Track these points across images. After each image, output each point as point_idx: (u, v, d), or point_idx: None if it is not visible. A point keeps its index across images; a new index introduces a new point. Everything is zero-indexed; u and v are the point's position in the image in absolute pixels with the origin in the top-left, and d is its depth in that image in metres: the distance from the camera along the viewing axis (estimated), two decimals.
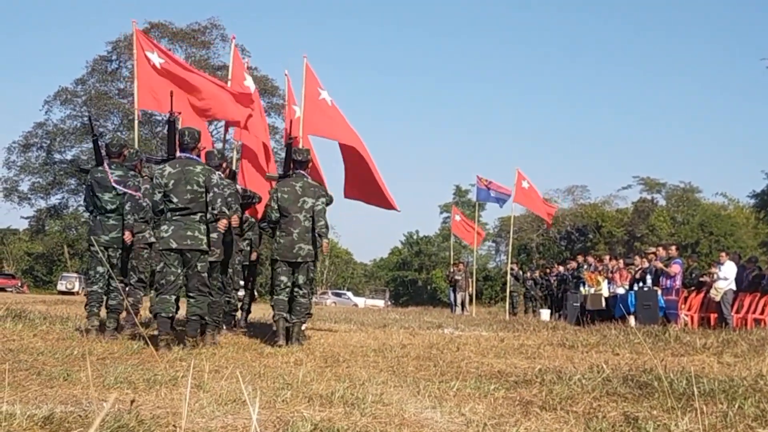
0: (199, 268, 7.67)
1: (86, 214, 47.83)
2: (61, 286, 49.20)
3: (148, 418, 3.74)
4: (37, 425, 3.49)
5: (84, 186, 8.86)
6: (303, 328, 9.02)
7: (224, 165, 9.22)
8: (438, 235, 75.71)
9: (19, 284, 51.58)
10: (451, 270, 28.69)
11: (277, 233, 8.70)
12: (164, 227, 7.63)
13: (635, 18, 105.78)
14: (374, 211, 12.39)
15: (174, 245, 7.54)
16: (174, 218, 7.61)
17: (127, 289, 8.87)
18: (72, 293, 44.74)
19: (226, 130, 13.16)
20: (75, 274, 52.53)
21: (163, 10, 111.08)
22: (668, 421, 4.00)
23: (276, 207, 8.66)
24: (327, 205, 8.84)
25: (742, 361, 7.41)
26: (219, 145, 12.96)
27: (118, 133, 54.06)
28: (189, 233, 7.56)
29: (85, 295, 8.98)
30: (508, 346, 8.82)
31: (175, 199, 7.57)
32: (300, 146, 9.60)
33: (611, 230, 62.28)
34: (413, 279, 74.95)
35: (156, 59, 10.92)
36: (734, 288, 15.81)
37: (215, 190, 7.67)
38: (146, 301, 9.36)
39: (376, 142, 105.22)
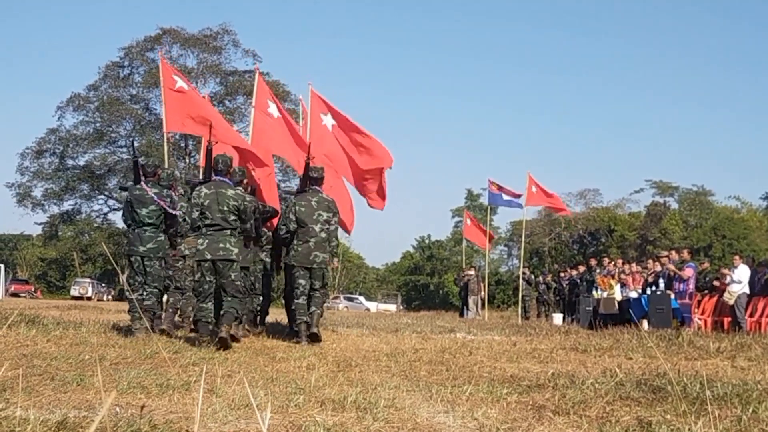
0: (232, 276, 8.59)
1: (98, 219, 47.99)
2: (74, 291, 49.43)
3: (161, 422, 3.75)
4: (50, 430, 3.51)
5: (124, 203, 9.98)
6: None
7: (245, 181, 10.11)
8: (450, 239, 75.64)
9: (33, 290, 51.77)
10: (461, 274, 28.69)
11: (295, 242, 9.63)
12: (200, 241, 8.67)
13: (645, 20, 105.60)
14: (386, 216, 13.52)
15: (208, 256, 8.54)
16: (208, 233, 8.61)
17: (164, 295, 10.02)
18: (85, 298, 44.94)
19: None
20: (88, 280, 52.77)
21: (174, 15, 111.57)
22: (682, 425, 3.98)
23: (294, 219, 9.59)
24: (337, 223, 9.97)
25: (756, 365, 7.37)
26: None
27: (131, 139, 54.45)
28: (221, 245, 8.55)
29: (127, 301, 10.00)
30: (521, 351, 8.81)
31: (209, 216, 8.58)
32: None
33: (624, 234, 62.04)
34: (425, 283, 74.85)
35: (182, 82, 11.96)
36: (748, 291, 15.74)
37: (251, 222, 8.94)
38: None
39: (388, 145, 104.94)
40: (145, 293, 9.45)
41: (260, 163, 11.40)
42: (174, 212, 9.58)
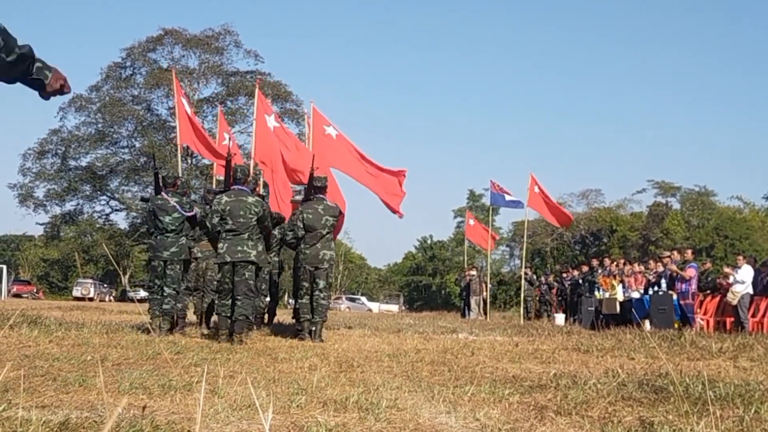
0: (246, 276, 9.44)
1: (100, 220, 48.64)
2: (77, 292, 49.48)
3: (163, 423, 3.74)
4: (52, 431, 3.51)
5: (146, 212, 10.81)
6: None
7: (256, 189, 11.16)
8: (452, 239, 75.64)
9: (35, 290, 51.81)
10: (461, 274, 28.67)
11: (302, 245, 10.41)
12: (220, 245, 9.54)
13: (647, 21, 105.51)
14: (388, 216, 14.17)
15: (228, 259, 9.43)
16: (228, 237, 9.49)
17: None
18: (87, 299, 44.98)
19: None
20: (90, 280, 52.79)
21: (176, 16, 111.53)
22: (684, 426, 3.97)
23: (302, 225, 10.38)
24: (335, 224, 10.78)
25: (759, 365, 7.36)
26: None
27: (132, 140, 54.54)
28: (239, 248, 9.43)
29: (148, 301, 10.84)
30: (523, 351, 8.80)
31: (230, 221, 9.47)
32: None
33: (625, 234, 62.02)
34: (427, 284, 74.86)
35: (187, 105, 13.10)
36: (751, 292, 15.73)
37: (269, 226, 9.93)
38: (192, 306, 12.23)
39: (389, 147, 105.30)
40: (165, 297, 10.25)
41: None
42: (190, 213, 10.38)
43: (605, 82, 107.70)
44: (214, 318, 10.35)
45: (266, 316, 12.61)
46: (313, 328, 10.07)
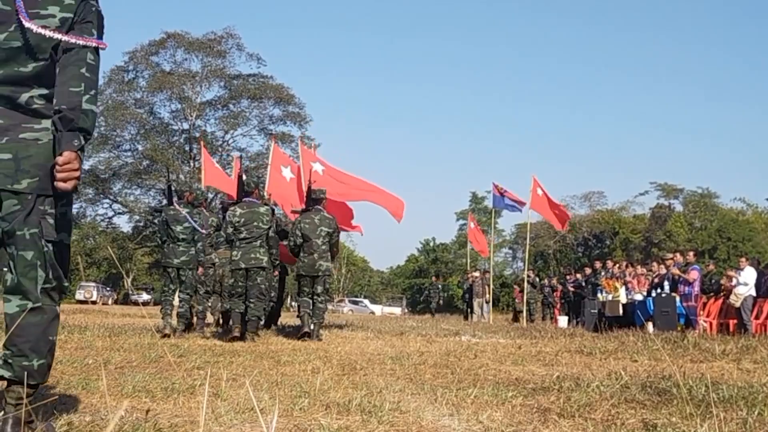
0: (258, 280, 10.38)
1: (103, 223, 48.78)
2: (80, 295, 49.46)
3: (166, 426, 3.74)
4: None
5: (159, 221, 11.43)
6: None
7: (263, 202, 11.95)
8: (454, 242, 75.61)
9: None
10: (465, 277, 28.66)
11: (301, 254, 11.18)
12: (235, 252, 10.46)
13: (652, 23, 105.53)
14: (390, 219, 14.92)
15: (242, 265, 10.34)
16: (242, 246, 10.37)
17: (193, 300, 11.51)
18: (89, 302, 44.96)
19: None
20: (93, 283, 52.79)
21: (178, 20, 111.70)
22: (687, 428, 3.96)
23: (300, 234, 11.13)
24: (338, 235, 11.68)
25: (762, 367, 7.35)
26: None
27: (135, 143, 54.61)
28: (252, 255, 10.36)
29: (160, 305, 11.45)
30: (526, 353, 8.79)
31: (244, 231, 10.36)
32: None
33: (628, 236, 61.97)
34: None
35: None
36: (754, 294, 15.70)
37: (271, 233, 10.64)
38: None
39: (393, 149, 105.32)
40: (179, 301, 11.08)
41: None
42: (203, 231, 11.22)
43: (607, 84, 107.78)
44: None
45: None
46: (312, 327, 10.66)
